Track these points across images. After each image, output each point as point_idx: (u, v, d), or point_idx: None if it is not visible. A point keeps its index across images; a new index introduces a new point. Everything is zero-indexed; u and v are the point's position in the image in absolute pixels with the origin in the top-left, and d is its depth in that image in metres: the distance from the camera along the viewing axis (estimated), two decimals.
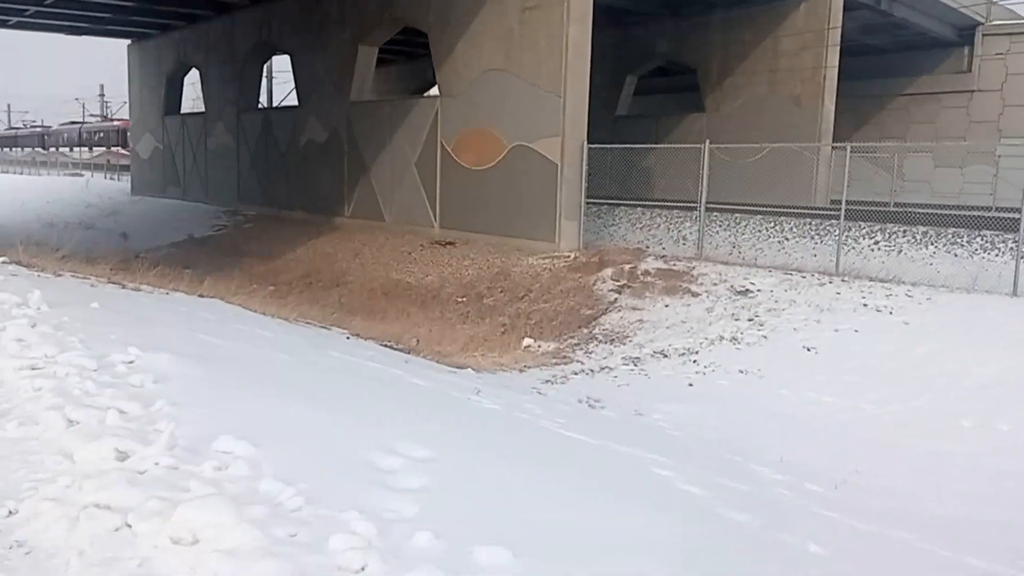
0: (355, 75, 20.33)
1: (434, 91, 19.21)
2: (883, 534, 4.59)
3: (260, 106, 27.44)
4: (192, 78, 30.29)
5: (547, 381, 8.88)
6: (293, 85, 23.82)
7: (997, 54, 25.88)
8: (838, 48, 20.88)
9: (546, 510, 3.19)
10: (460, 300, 13.17)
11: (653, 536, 3.12)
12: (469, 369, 8.54)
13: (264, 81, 29.54)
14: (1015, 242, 10.78)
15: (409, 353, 8.65)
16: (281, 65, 37.24)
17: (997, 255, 12.06)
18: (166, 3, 24.89)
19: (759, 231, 15.41)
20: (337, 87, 20.77)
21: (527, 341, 10.73)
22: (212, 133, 27.45)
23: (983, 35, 26.21)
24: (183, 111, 31.20)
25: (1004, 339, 8.57)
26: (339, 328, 9.55)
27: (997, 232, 12.68)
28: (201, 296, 8.93)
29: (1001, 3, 27.21)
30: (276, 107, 29.03)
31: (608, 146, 16.29)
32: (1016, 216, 10.69)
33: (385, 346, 8.73)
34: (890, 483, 5.93)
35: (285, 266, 17.45)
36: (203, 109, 28.42)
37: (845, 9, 21.36)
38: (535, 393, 7.99)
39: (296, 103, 23.51)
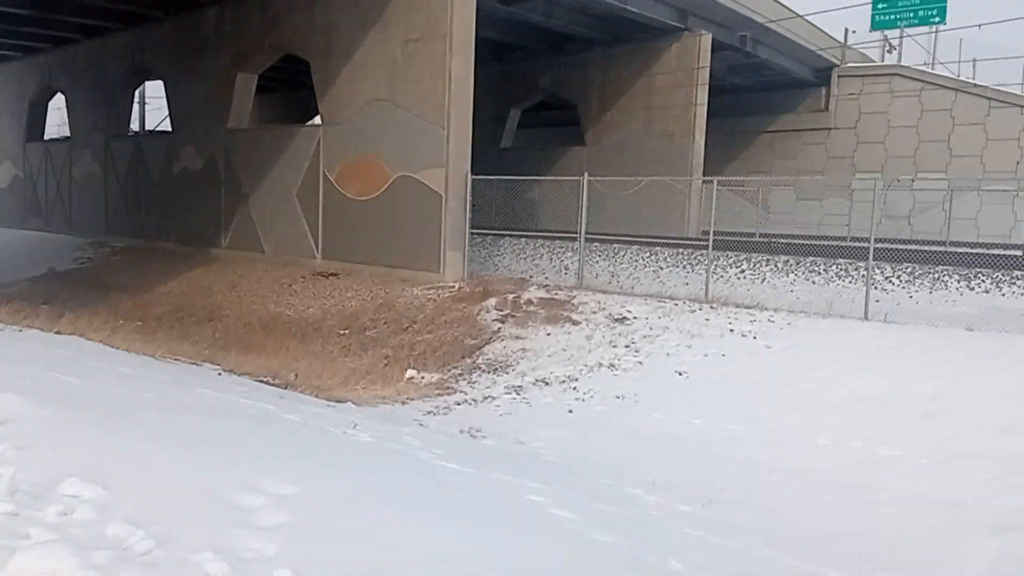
0: (233, 102, 19.80)
1: (317, 120, 18.95)
2: (745, 549, 4.81)
3: (131, 132, 26.25)
4: (57, 103, 28.69)
5: (429, 412, 8.85)
6: (167, 111, 22.95)
7: (851, 94, 28.04)
8: (707, 87, 22.10)
9: (411, 543, 3.18)
10: (342, 332, 12.94)
11: (517, 562, 3.16)
12: (349, 403, 8.40)
13: (136, 107, 28.32)
14: (866, 270, 11.63)
15: (286, 388, 8.43)
16: (155, 90, 35.75)
17: (851, 282, 12.97)
18: (30, 24, 23.53)
19: (636, 260, 15.97)
20: (214, 114, 20.17)
21: (410, 372, 10.66)
22: (78, 161, 26.02)
23: (839, 76, 28.39)
24: (46, 137, 29.45)
25: (856, 361, 9.19)
26: (211, 364, 9.21)
27: (851, 260, 13.65)
28: (58, 333, 8.40)
29: (854, 47, 29.58)
30: (149, 133, 27.87)
31: (492, 177, 16.55)
32: (867, 246, 11.59)
33: (260, 381, 8.48)
34: (755, 500, 6.22)
35: (156, 300, 16.65)
36: (68, 135, 26.92)
37: (713, 50, 22.67)
38: (416, 425, 7.94)
39: (170, 130, 22.65)
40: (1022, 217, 16.96)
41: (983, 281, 12.54)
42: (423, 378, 10.45)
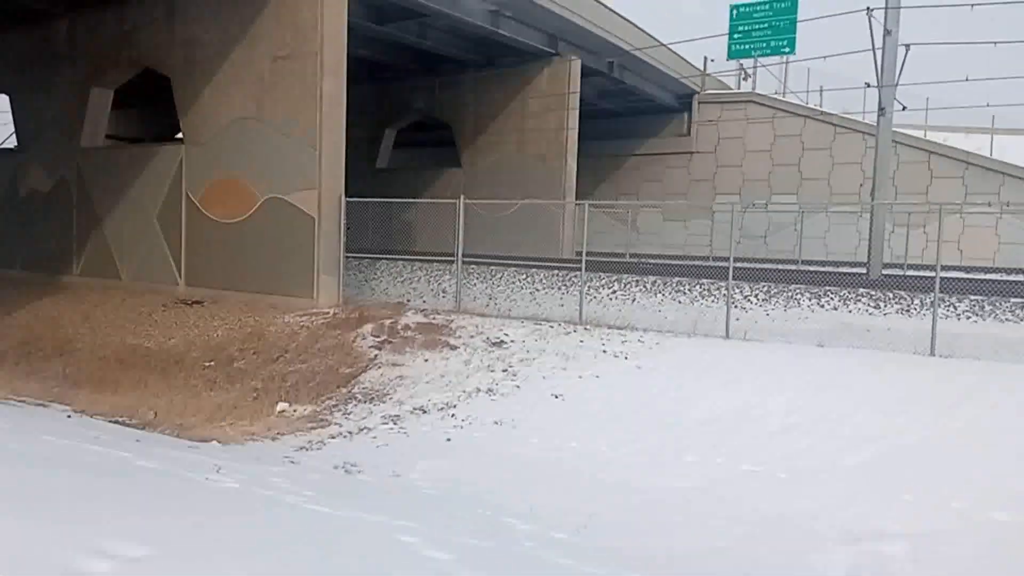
0: (87, 119, 18.64)
1: (179, 138, 18.11)
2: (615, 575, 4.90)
3: None
4: None
5: (302, 448, 8.56)
6: (12, 128, 21.30)
7: (710, 120, 29.61)
8: (578, 111, 22.75)
9: None
10: (207, 365, 12.33)
11: None
12: (214, 442, 8.01)
13: None
14: (727, 290, 12.24)
15: (144, 428, 7.93)
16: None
17: (713, 301, 13.62)
18: None
19: (513, 283, 16.14)
20: (66, 132, 18.89)
21: (281, 406, 10.29)
22: None
23: (699, 103, 29.93)
24: None
25: (719, 378, 9.63)
26: (61, 404, 8.57)
27: (713, 280, 14.34)
28: None
29: (714, 75, 31.28)
30: None
31: (368, 200, 16.32)
32: (728, 266, 12.21)
33: (116, 422, 7.95)
34: (625, 522, 6.37)
35: None
36: None
37: (583, 75, 23.40)
38: (287, 463, 7.65)
39: (15, 148, 21.02)
40: (866, 236, 18.39)
41: (832, 299, 13.47)
42: (295, 411, 10.11)
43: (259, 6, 15.07)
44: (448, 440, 8.90)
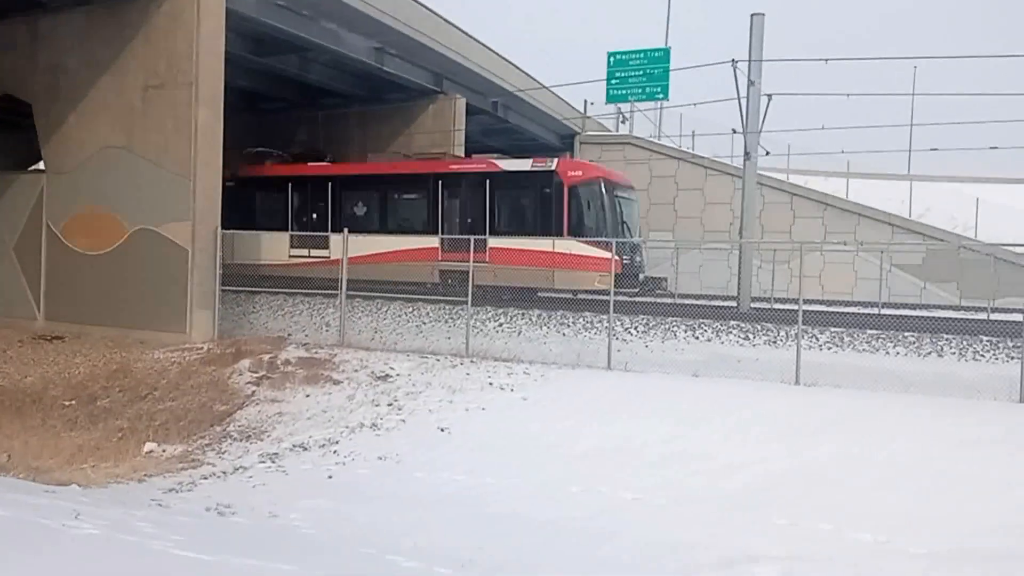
0: None
1: (41, 166, 17.02)
2: None
3: None
4: None
5: (171, 490, 8.09)
6: None
7: (591, 160, 30.56)
8: (463, 147, 23.00)
9: None
10: (68, 403, 11.49)
11: None
12: (74, 485, 7.46)
13: None
14: (608, 322, 12.56)
15: None
16: None
17: (596, 334, 13.94)
18: None
19: (399, 316, 15.98)
20: None
21: (149, 446, 9.71)
22: None
23: (580, 143, 30.89)
24: None
25: (602, 409, 9.83)
26: None
27: (595, 313, 14.71)
28: None
29: (594, 117, 32.43)
30: None
31: (244, 231, 15.83)
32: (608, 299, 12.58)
33: None
34: (509, 555, 6.35)
35: None
36: None
37: (468, 113, 23.77)
38: (155, 506, 7.21)
39: None
40: (736, 272, 19.44)
41: (706, 330, 14.07)
42: (164, 451, 9.56)
43: (129, 34, 14.55)
44: (330, 478, 8.64)
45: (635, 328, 14.26)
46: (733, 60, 18.42)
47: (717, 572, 6.12)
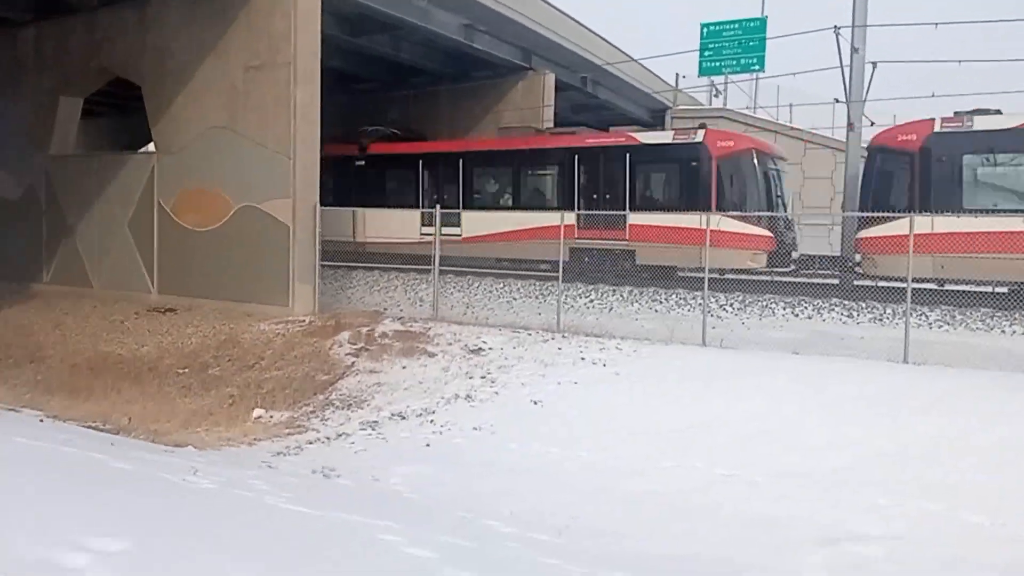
0: (56, 127, 18.39)
1: (151, 147, 17.92)
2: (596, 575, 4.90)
3: None
4: None
5: (279, 453, 8.47)
6: None
7: None
8: (552, 124, 22.88)
9: None
10: (181, 372, 12.16)
11: None
12: (190, 447, 7.90)
13: None
14: (703, 299, 12.33)
15: (118, 434, 7.80)
16: None
17: (689, 310, 13.72)
18: None
19: (490, 292, 16.14)
20: (34, 140, 18.61)
21: (258, 412, 10.17)
22: None
23: (672, 117, 30.25)
24: None
25: (695, 384, 9.68)
26: (33, 410, 8.39)
27: (688, 290, 14.47)
28: None
29: (685, 91, 31.71)
30: None
31: (343, 208, 16.28)
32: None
33: (89, 427, 7.81)
34: (605, 525, 6.37)
35: None
36: None
37: (557, 89, 23.59)
38: (264, 467, 7.56)
39: None
40: (837, 248, 18.68)
41: (806, 308, 13.64)
42: (272, 417, 10.00)
43: (231, 16, 15.03)
44: (427, 445, 8.86)
45: (730, 305, 13.96)
46: (835, 27, 17.63)
47: (819, 549, 5.98)
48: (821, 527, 6.47)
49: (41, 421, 7.56)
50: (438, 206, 14.88)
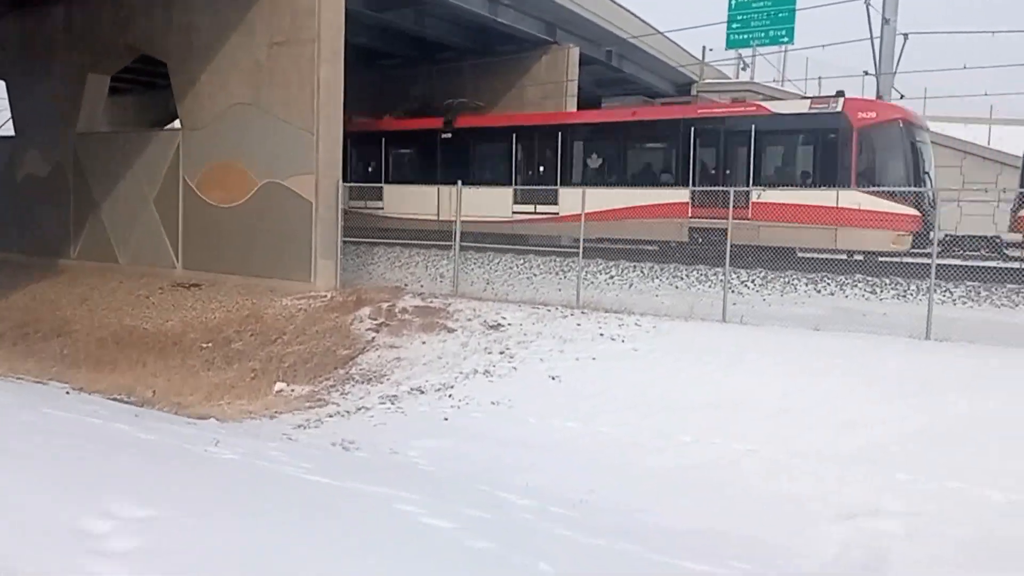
0: (84, 105, 18.61)
1: (176, 124, 18.07)
2: (612, 547, 4.94)
3: None
4: None
5: (299, 426, 8.60)
6: (8, 113, 21.24)
7: None
8: (576, 99, 22.69)
9: (275, 562, 3.07)
10: (205, 346, 12.35)
11: (384, 572, 3.12)
12: (212, 419, 8.04)
13: None
14: (723, 275, 12.25)
15: (142, 406, 7.97)
16: None
17: (710, 286, 13.63)
18: None
19: (510, 268, 16.16)
20: (63, 117, 18.83)
21: (279, 386, 10.32)
22: None
23: (698, 92, 29.79)
24: None
25: (714, 361, 9.65)
26: (59, 383, 8.58)
27: (709, 266, 14.36)
28: None
29: (712, 64, 31.24)
30: None
31: (366, 184, 16.32)
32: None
33: (113, 399, 7.97)
34: (621, 499, 6.41)
35: None
36: None
37: (581, 63, 23.34)
38: (285, 439, 7.69)
39: (12, 134, 20.96)
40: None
41: (828, 284, 13.50)
42: (293, 391, 10.14)
43: None
44: (445, 420, 8.94)
45: (752, 281, 13.86)
46: None
47: (836, 525, 5.98)
48: (839, 503, 6.46)
49: (67, 393, 7.74)
50: (459, 182, 14.80)
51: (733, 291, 12.60)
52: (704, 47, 30.88)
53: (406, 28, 21.31)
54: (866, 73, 20.75)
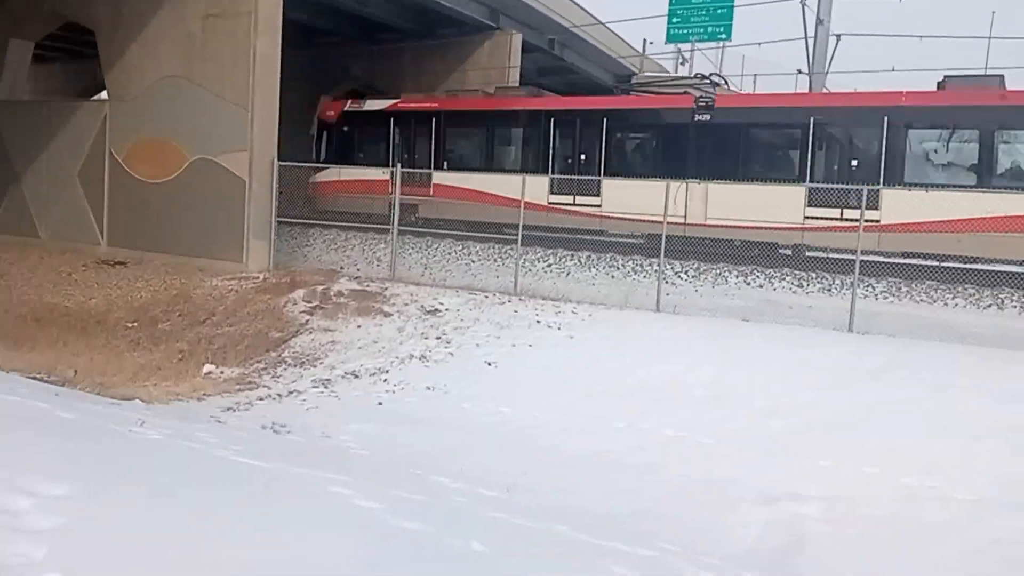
0: (4, 71, 17.74)
1: (104, 95, 17.38)
2: (543, 529, 5.00)
3: None
4: None
5: (228, 409, 8.42)
6: None
7: None
8: (518, 85, 22.65)
9: (198, 541, 3.01)
10: (130, 325, 11.96)
11: (319, 554, 3.09)
12: (137, 400, 7.81)
13: None
14: (658, 266, 12.45)
15: (63, 386, 7.67)
16: None
17: (645, 277, 13.86)
18: None
19: (449, 254, 16.10)
20: None
21: (208, 368, 10.08)
22: None
23: (637, 83, 30.13)
24: None
25: (648, 349, 9.84)
26: None
27: (645, 256, 14.60)
28: None
29: (651, 57, 31.62)
30: None
31: (301, 164, 16.01)
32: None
33: (32, 379, 7.65)
34: (554, 483, 6.49)
35: None
36: None
37: (524, 50, 23.37)
38: (214, 422, 7.52)
39: None
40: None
41: (758, 277, 13.88)
42: (222, 373, 9.92)
43: None
44: (380, 404, 8.89)
45: (685, 272, 14.14)
46: None
47: (758, 508, 6.18)
48: (762, 487, 6.67)
49: None
50: (399, 165, 14.67)
51: (667, 281, 12.84)
52: (645, 40, 31.29)
53: (346, 6, 20.95)
54: (799, 72, 21.34)
